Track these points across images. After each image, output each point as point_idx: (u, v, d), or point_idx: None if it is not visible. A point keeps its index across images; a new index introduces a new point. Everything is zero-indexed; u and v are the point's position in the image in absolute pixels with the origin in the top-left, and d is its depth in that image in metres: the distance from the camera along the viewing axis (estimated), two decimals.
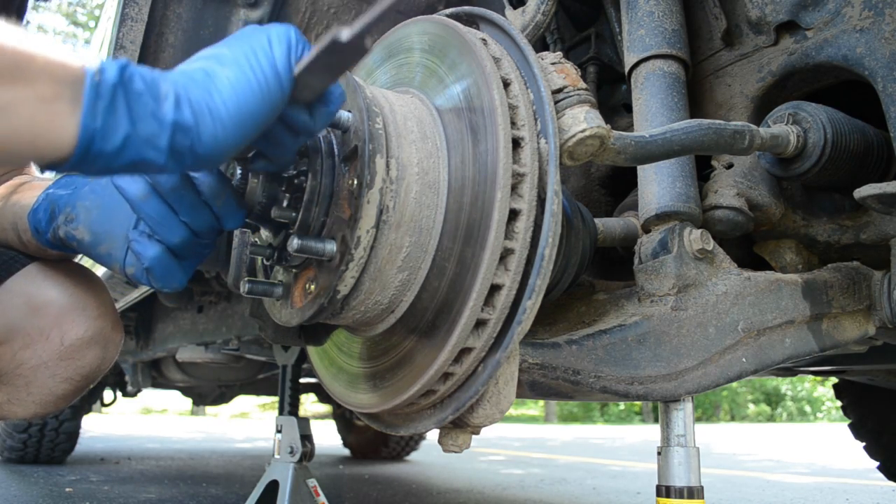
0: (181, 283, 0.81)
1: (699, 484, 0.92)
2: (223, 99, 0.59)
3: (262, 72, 0.61)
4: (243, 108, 0.60)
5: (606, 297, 1.07)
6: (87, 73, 0.56)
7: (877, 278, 1.08)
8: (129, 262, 0.82)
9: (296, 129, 0.69)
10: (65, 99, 0.54)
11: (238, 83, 0.60)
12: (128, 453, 5.56)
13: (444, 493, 3.46)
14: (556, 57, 0.87)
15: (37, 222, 0.90)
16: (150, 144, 0.57)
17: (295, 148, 0.73)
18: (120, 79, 0.56)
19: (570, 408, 22.89)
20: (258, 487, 2.11)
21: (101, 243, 0.84)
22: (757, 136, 0.99)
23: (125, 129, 0.56)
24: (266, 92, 0.61)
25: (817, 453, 7.59)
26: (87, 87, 0.55)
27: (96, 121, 0.55)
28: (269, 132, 0.68)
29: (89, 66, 0.56)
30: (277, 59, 0.62)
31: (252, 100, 0.60)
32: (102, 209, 0.85)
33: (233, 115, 0.59)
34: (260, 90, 0.61)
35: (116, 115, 0.56)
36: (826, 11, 1.05)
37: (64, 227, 0.86)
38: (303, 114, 0.67)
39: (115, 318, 1.04)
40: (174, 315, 3.27)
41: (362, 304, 0.80)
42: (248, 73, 0.60)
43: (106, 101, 0.55)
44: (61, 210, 0.87)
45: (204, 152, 0.59)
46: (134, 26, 1.33)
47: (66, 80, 0.55)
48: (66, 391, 1.00)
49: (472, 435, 0.87)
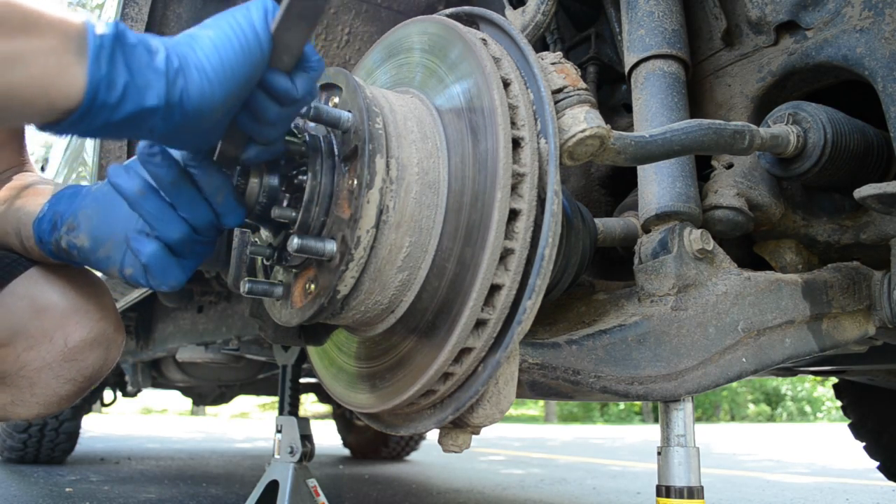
0: (179, 281, 0.81)
1: (699, 484, 0.92)
2: (206, 55, 0.63)
3: (241, 30, 0.65)
4: (226, 63, 0.64)
5: (606, 297, 1.07)
6: (89, 27, 0.60)
7: (877, 278, 1.08)
8: (126, 263, 0.83)
9: (278, 95, 0.70)
10: (72, 51, 0.59)
11: (219, 41, 0.64)
12: (128, 453, 5.56)
13: (444, 493, 3.46)
14: (556, 57, 0.87)
15: (41, 232, 0.92)
16: (147, 93, 0.61)
17: (281, 123, 0.72)
18: (116, 34, 0.61)
19: (570, 408, 22.89)
20: (258, 487, 2.11)
21: (100, 247, 0.85)
22: (757, 136, 0.99)
23: (125, 78, 0.60)
24: (246, 48, 0.65)
25: (817, 453, 7.59)
26: (91, 39, 0.60)
27: (101, 69, 0.59)
28: (252, 104, 0.70)
29: (90, 22, 0.61)
30: (255, 19, 0.66)
31: (233, 56, 0.64)
32: (102, 214, 0.85)
33: (216, 69, 0.63)
34: (241, 46, 0.64)
35: (116, 66, 0.60)
36: (826, 11, 1.05)
37: (66, 236, 0.87)
38: (284, 79, 0.69)
39: (117, 319, 1.05)
40: (174, 315, 3.27)
41: (362, 304, 0.80)
42: (227, 32, 0.65)
43: (108, 53, 0.60)
44: (64, 221, 0.88)
45: (193, 105, 0.63)
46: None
47: (72, 34, 0.59)
48: (70, 392, 1.01)
49: (472, 435, 0.87)
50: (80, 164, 2.09)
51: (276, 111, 0.71)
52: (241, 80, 0.65)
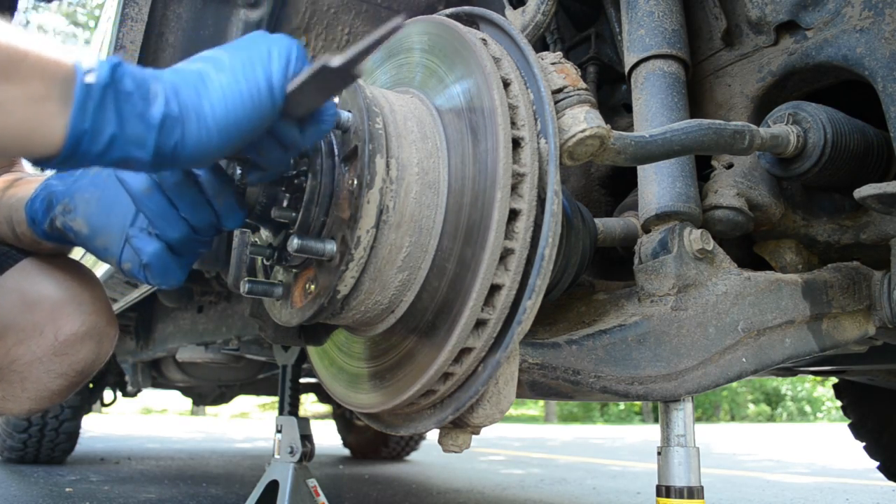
0: (178, 280, 0.82)
1: (699, 484, 0.92)
2: (212, 104, 0.60)
3: (256, 83, 0.61)
4: (231, 116, 0.60)
5: (606, 297, 1.07)
6: (79, 72, 0.56)
7: (877, 278, 1.08)
8: (125, 258, 0.83)
9: (285, 143, 0.69)
10: (55, 98, 0.55)
11: (230, 91, 0.60)
12: (128, 453, 5.56)
13: (444, 493, 3.46)
14: (556, 57, 0.87)
15: (33, 212, 0.90)
16: (136, 145, 0.58)
17: (285, 161, 0.73)
18: (111, 79, 0.57)
19: (570, 408, 22.89)
20: (258, 487, 2.11)
21: (98, 237, 0.85)
22: (757, 136, 0.99)
23: (112, 130, 0.56)
24: (257, 104, 0.61)
25: (817, 453, 7.59)
26: (78, 87, 0.56)
27: (85, 122, 0.56)
28: (258, 143, 0.69)
29: (80, 65, 0.56)
30: (274, 73, 0.62)
31: (241, 109, 0.60)
32: (101, 202, 0.85)
33: (219, 121, 0.60)
34: (251, 101, 0.61)
35: (105, 116, 0.56)
36: (826, 11, 1.05)
37: (61, 217, 0.87)
38: (293, 129, 0.68)
39: (110, 312, 1.04)
40: (174, 315, 3.27)
41: (362, 304, 0.80)
42: (241, 82, 0.61)
43: (95, 102, 0.56)
44: (59, 200, 0.87)
45: (186, 155, 0.60)
46: (134, 26, 1.33)
47: (57, 79, 0.55)
48: (61, 386, 1.00)
49: (472, 435, 0.87)
50: None
51: (279, 154, 0.71)
52: (244, 132, 0.62)
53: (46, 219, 0.89)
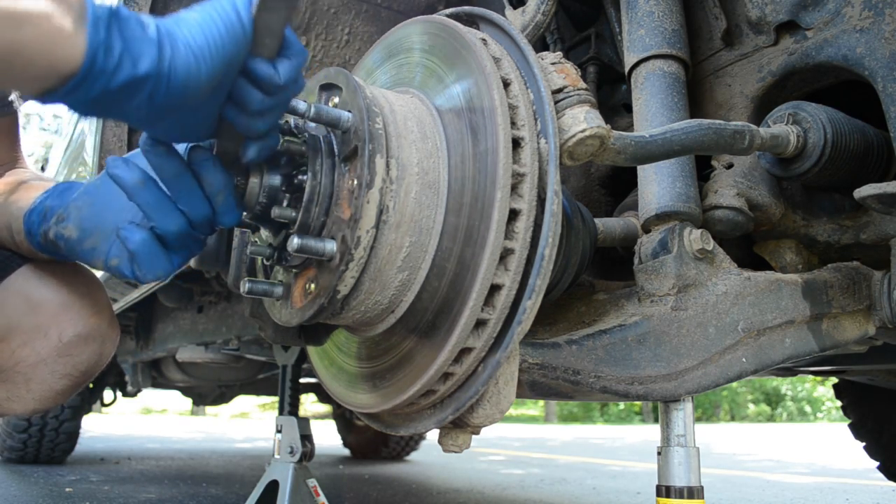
0: (166, 272, 0.82)
1: (699, 484, 0.92)
2: (192, 34, 0.66)
3: (225, 12, 0.67)
4: (210, 42, 0.66)
5: (606, 297, 1.07)
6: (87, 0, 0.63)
7: (877, 278, 1.08)
8: (112, 254, 0.84)
9: (260, 82, 0.70)
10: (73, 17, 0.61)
11: (204, 22, 0.67)
12: (128, 453, 5.56)
13: (444, 493, 3.46)
14: (556, 57, 0.87)
15: (30, 224, 0.92)
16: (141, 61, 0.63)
17: (268, 113, 0.72)
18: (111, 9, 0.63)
19: (570, 408, 22.89)
20: (258, 487, 2.11)
21: (87, 238, 0.86)
22: (757, 136, 0.99)
23: (120, 46, 0.62)
24: (230, 29, 0.67)
25: (817, 453, 7.59)
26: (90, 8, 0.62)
27: (100, 34, 0.61)
28: (236, 93, 0.71)
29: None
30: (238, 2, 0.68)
31: (217, 35, 0.66)
32: (93, 207, 0.86)
33: (202, 46, 0.66)
34: (225, 28, 0.67)
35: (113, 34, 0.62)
36: (826, 11, 1.05)
37: (54, 227, 0.88)
38: (266, 65, 0.70)
39: (112, 314, 1.06)
40: (174, 315, 3.27)
41: (362, 304, 0.80)
42: (212, 14, 0.67)
43: (105, 22, 0.62)
44: (54, 213, 0.89)
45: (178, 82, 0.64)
46: None
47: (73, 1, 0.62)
48: (65, 387, 1.02)
49: (472, 435, 0.87)
50: (80, 164, 2.09)
51: (259, 98, 0.71)
52: (224, 59, 0.67)
53: (40, 230, 0.91)
